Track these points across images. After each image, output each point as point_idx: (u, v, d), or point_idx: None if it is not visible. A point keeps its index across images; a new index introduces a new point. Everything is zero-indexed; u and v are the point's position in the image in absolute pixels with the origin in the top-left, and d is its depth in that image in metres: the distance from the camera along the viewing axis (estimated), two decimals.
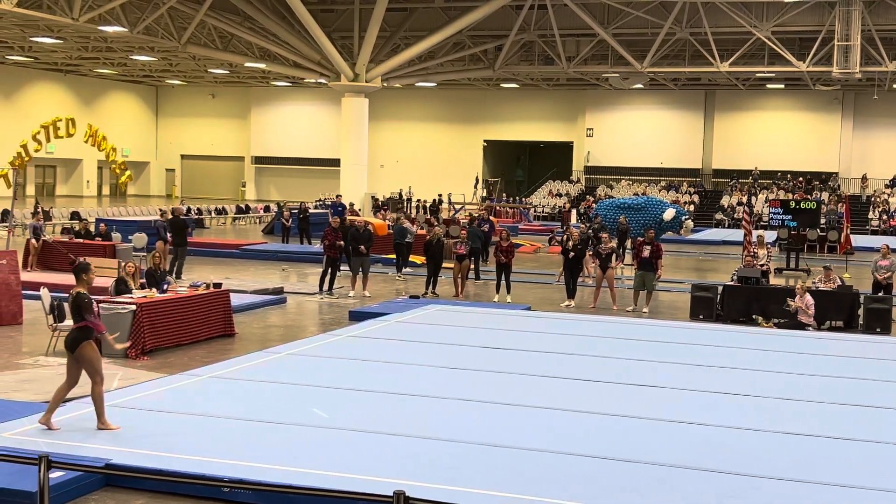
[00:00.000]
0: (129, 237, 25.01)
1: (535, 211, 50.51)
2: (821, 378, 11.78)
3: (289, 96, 60.84)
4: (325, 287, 19.24)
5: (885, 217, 45.48)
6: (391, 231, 24.86)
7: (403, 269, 22.95)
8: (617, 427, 9.21)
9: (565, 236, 20.27)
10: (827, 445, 8.78)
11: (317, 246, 27.23)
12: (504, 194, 53.36)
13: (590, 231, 23.14)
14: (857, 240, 32.44)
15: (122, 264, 15.07)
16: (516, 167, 63.02)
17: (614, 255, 19.56)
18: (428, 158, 57.77)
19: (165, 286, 14.32)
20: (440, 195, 47.34)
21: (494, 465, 7.91)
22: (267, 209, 45.38)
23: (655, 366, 12.23)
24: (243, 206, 46.43)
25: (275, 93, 60.97)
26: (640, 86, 50.73)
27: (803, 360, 13.00)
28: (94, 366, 8.62)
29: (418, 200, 45.99)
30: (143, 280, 14.70)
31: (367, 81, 40.11)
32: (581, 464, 8.01)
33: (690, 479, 7.68)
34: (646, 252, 18.21)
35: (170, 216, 21.75)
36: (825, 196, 46.23)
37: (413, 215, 35.42)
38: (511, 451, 8.28)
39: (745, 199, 47.97)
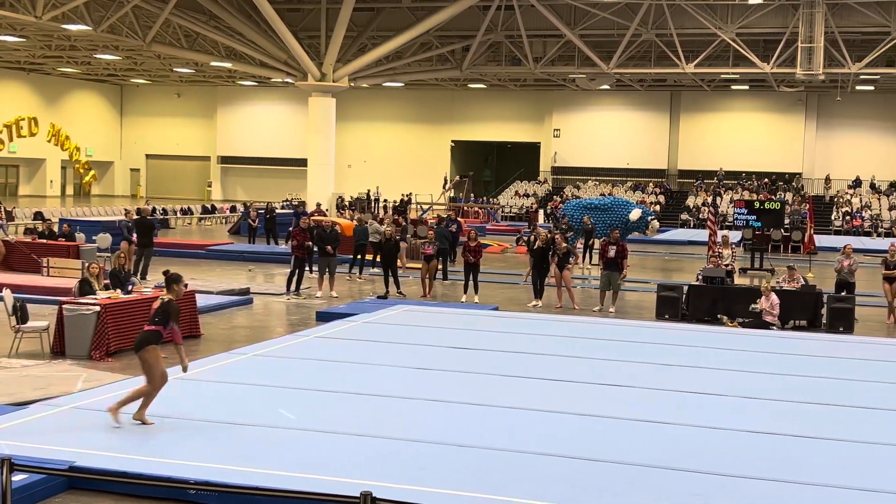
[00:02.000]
0: (93, 238, 24.77)
1: (502, 211, 50.63)
2: (787, 377, 11.89)
3: (255, 96, 60.52)
4: (293, 287, 19.16)
5: (847, 217, 46.03)
6: None
7: (369, 270, 22.88)
8: (586, 427, 9.24)
9: (532, 236, 20.34)
10: (795, 444, 8.86)
11: (283, 246, 27.12)
12: (472, 194, 53.42)
13: (558, 232, 23.23)
14: (821, 240, 32.79)
15: (86, 265, 14.92)
16: (484, 167, 63.12)
17: (571, 256, 19.63)
18: (395, 158, 57.73)
19: (130, 287, 14.19)
20: (408, 195, 47.32)
21: (463, 466, 7.91)
22: (233, 209, 45.13)
23: (623, 365, 12.29)
24: (209, 206, 46.13)
25: (241, 92, 60.62)
26: (606, 87, 50.97)
27: (769, 359, 13.11)
28: (152, 371, 8.82)
29: (385, 200, 45.93)
30: (108, 281, 14.56)
31: (334, 81, 39.98)
32: (551, 464, 8.03)
33: (662, 479, 7.72)
34: (611, 252, 18.31)
35: (135, 216, 21.56)
36: (789, 196, 46.71)
37: (381, 215, 35.35)
38: (480, 452, 8.28)
39: (710, 200, 48.36)
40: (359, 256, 22.74)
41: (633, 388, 11.00)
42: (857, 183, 50.10)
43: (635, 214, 27.07)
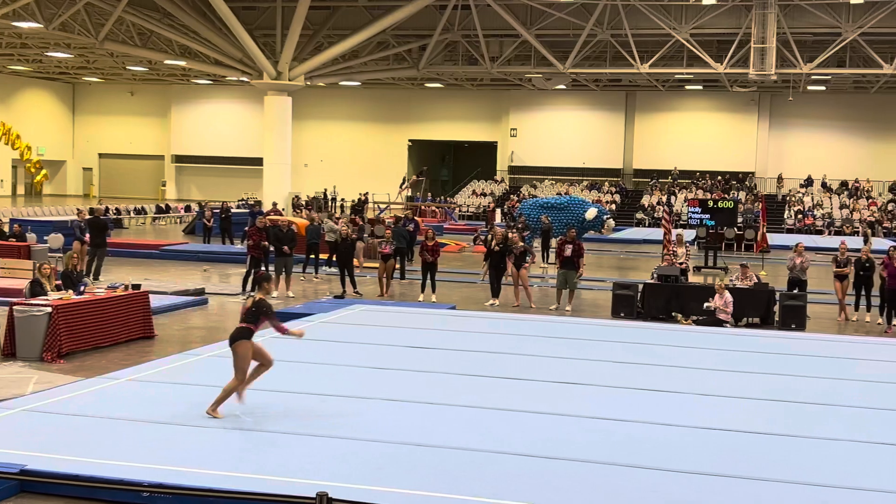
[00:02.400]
0: (45, 238, 24.41)
1: (459, 210, 50.70)
2: (740, 374, 12.02)
3: (210, 94, 60.00)
4: (248, 288, 19.02)
5: (800, 216, 46.68)
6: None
7: (324, 270, 22.79)
8: (543, 425, 9.27)
9: (489, 236, 20.39)
10: (746, 440, 8.96)
11: (239, 246, 26.93)
12: (429, 193, 53.42)
13: (514, 231, 23.30)
14: (773, 238, 33.23)
15: (38, 265, 14.67)
16: (441, 167, 63.16)
17: (528, 255, 19.72)
18: (352, 158, 57.58)
19: (82, 287, 14.00)
20: (365, 194, 47.20)
21: (420, 465, 7.91)
22: (188, 209, 44.69)
23: (579, 363, 12.36)
24: (163, 205, 45.64)
25: (195, 91, 60.07)
26: (562, 86, 51.24)
27: (723, 356, 13.26)
28: (242, 365, 9.29)
29: (343, 200, 45.77)
30: (59, 282, 14.36)
31: (290, 80, 39.77)
32: (508, 462, 8.05)
33: (615, 476, 7.77)
34: (568, 251, 18.40)
35: (88, 216, 21.27)
36: (742, 195, 47.27)
37: (337, 215, 35.22)
38: (437, 451, 8.28)
39: (664, 199, 48.80)
40: (311, 256, 22.63)
41: (590, 385, 11.07)
42: (808, 182, 50.82)
43: (591, 213, 27.24)
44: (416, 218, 30.23)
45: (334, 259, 20.90)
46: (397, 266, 21.47)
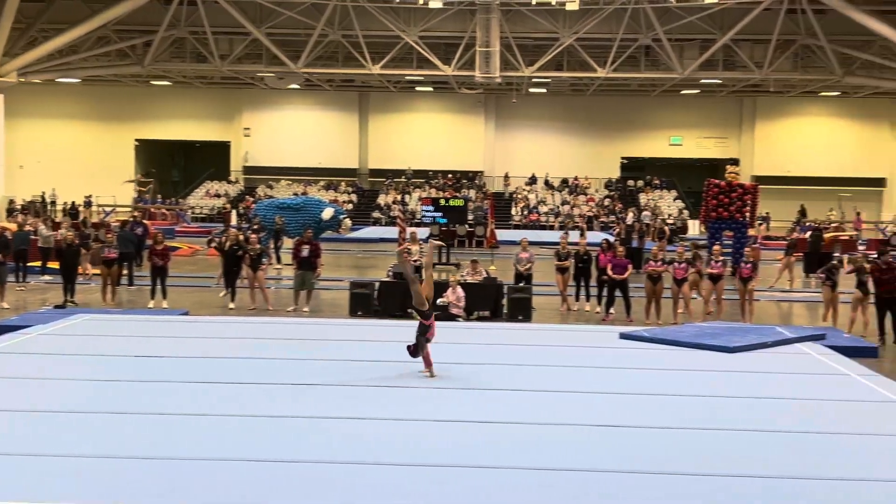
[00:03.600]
0: None
1: (192, 212, 49.22)
2: (473, 366, 12.37)
3: None
4: None
5: (525, 212, 49.00)
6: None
7: (39, 277, 21.46)
8: (282, 429, 9.11)
9: (224, 238, 19.90)
10: (480, 429, 9.21)
11: None
12: (159, 196, 51.45)
13: (250, 232, 22.88)
14: (502, 234, 34.63)
15: None
16: (171, 167, 61.04)
17: (264, 257, 19.46)
18: (74, 158, 54.35)
19: None
20: (88, 197, 44.80)
21: (147, 478, 7.54)
22: None
23: (314, 364, 12.28)
24: None
25: None
26: (295, 86, 50.98)
27: (456, 349, 13.59)
28: None
29: (65, 203, 43.20)
30: None
31: (0, 76, 37.00)
32: (242, 469, 7.83)
33: (354, 476, 7.76)
34: (304, 251, 18.31)
35: None
36: (472, 193, 48.98)
37: (57, 219, 33.18)
38: (164, 462, 7.93)
39: (399, 198, 49.70)
40: (20, 263, 21.27)
41: (325, 386, 11.01)
42: (533, 180, 53.42)
43: (328, 213, 27.22)
44: (145, 221, 28.99)
45: (47, 266, 19.73)
46: (125, 272, 20.52)
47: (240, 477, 7.65)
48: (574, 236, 24.50)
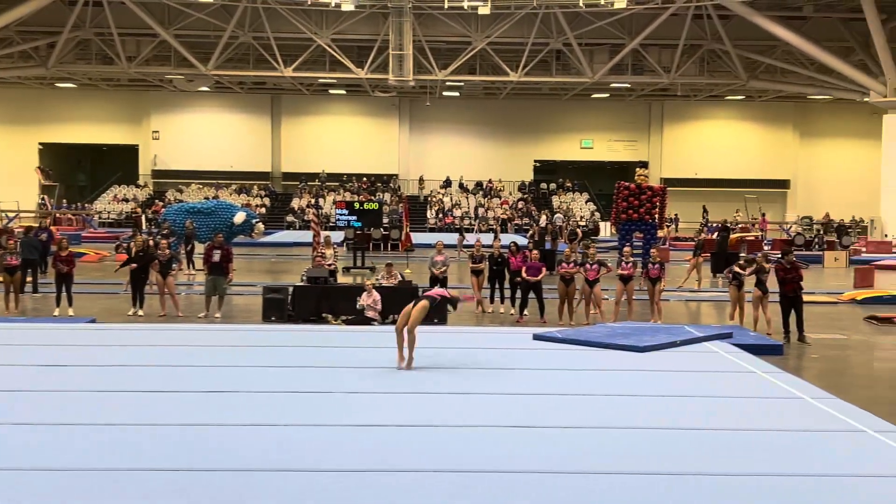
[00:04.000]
0: None
1: (99, 217, 48.12)
2: (385, 370, 12.32)
3: None
4: None
5: (440, 215, 49.12)
6: None
7: None
8: (193, 437, 8.94)
9: (132, 243, 19.48)
10: (390, 434, 9.19)
11: None
12: (64, 200, 50.14)
13: (159, 237, 22.46)
14: (417, 237, 34.67)
15: None
16: (77, 171, 59.55)
17: (174, 262, 19.12)
18: None
19: None
20: None
21: (46, 489, 7.32)
22: None
23: (228, 371, 12.08)
24: None
25: None
26: (205, 88, 50.25)
27: (369, 353, 13.53)
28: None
29: None
30: None
31: None
32: (151, 479, 7.66)
33: (269, 481, 7.65)
34: (216, 257, 18.02)
35: None
36: (387, 197, 48.92)
37: None
38: (66, 474, 7.71)
39: (313, 201, 49.38)
40: None
41: (239, 392, 10.85)
42: (447, 183, 53.60)
43: (240, 217, 26.85)
44: (50, 227, 28.26)
45: None
46: (29, 279, 19.94)
47: (144, 487, 7.47)
48: (487, 239, 24.64)
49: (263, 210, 48.15)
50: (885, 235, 40.24)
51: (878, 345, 16.34)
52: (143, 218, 42.77)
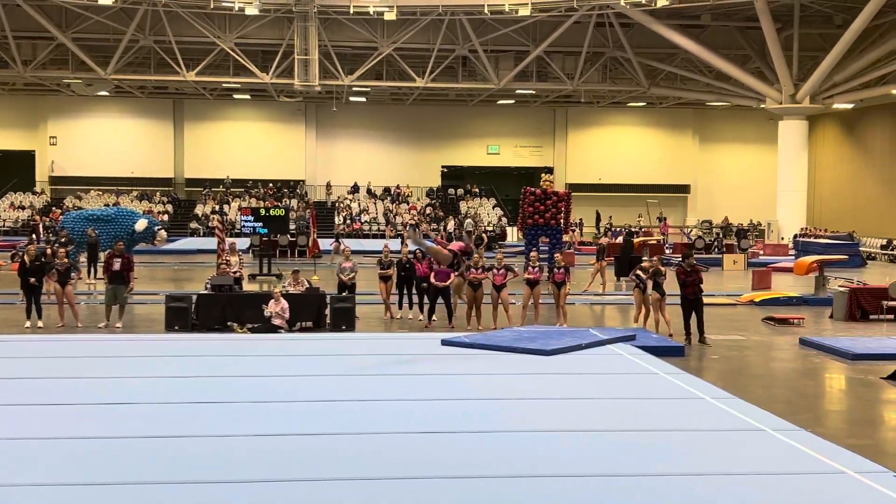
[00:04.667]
0: None
1: None
2: (296, 378, 12.20)
3: None
4: None
5: (349, 221, 48.88)
6: None
7: None
8: (92, 450, 8.69)
9: (25, 253, 18.84)
10: (298, 442, 9.09)
11: None
12: None
13: (57, 246, 21.80)
14: (325, 243, 34.40)
15: None
16: None
17: (73, 271, 18.57)
18: None
19: None
20: None
21: None
22: None
23: (129, 382, 11.79)
24: None
25: None
26: (105, 93, 49.06)
27: (276, 361, 13.39)
28: None
29: None
30: None
31: None
32: (56, 494, 7.43)
33: (172, 495, 7.49)
34: (116, 265, 17.58)
35: None
36: (294, 203, 48.47)
37: None
38: None
39: (218, 208, 48.61)
40: None
41: (141, 404, 10.59)
42: (355, 188, 53.37)
43: (141, 225, 26.30)
44: None
45: None
46: None
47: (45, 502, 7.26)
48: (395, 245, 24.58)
49: (166, 217, 47.20)
50: (782, 238, 41.55)
51: (776, 345, 16.82)
52: (41, 226, 41.51)
